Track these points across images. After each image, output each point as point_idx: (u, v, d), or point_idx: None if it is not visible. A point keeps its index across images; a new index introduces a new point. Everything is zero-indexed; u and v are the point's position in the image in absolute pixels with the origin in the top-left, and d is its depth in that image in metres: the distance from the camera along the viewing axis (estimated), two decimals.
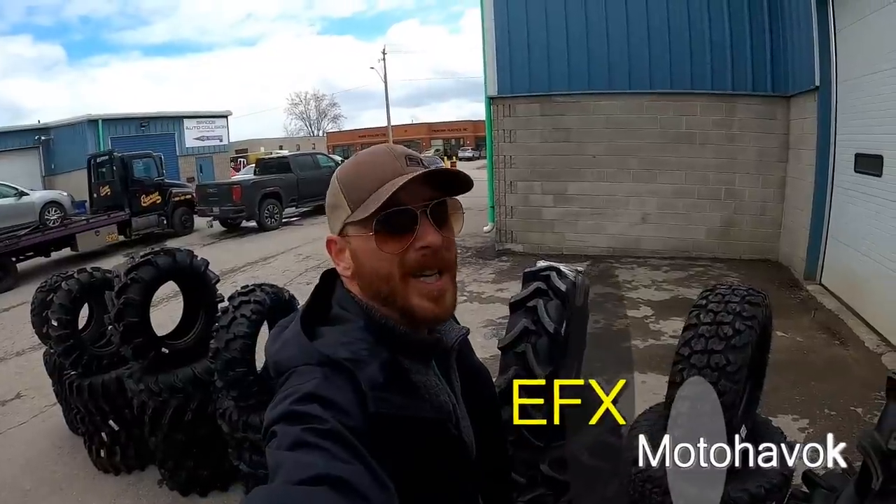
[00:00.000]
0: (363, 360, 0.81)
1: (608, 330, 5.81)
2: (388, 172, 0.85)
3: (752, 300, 2.03)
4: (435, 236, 0.86)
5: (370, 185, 0.85)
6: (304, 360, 0.83)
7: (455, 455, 0.90)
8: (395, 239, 0.85)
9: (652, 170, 8.77)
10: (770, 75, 8.04)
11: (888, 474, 1.38)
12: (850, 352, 4.96)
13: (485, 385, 1.09)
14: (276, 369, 0.87)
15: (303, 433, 0.72)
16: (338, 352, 0.82)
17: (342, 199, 0.88)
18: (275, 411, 0.77)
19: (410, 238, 0.85)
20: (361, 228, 0.86)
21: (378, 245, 0.85)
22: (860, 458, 1.49)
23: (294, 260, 10.70)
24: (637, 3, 8.52)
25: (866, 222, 5.65)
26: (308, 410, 0.74)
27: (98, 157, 15.05)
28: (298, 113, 67.50)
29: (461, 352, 1.02)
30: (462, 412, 0.96)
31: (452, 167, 6.16)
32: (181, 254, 3.72)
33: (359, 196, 0.86)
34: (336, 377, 0.79)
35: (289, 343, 0.87)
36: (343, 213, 0.88)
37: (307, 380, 0.79)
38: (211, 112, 29.53)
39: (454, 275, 0.92)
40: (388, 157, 0.88)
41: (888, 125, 5.15)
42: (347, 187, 0.88)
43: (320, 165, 17.10)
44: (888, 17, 5.07)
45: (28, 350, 6.65)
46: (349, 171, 0.90)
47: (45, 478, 3.94)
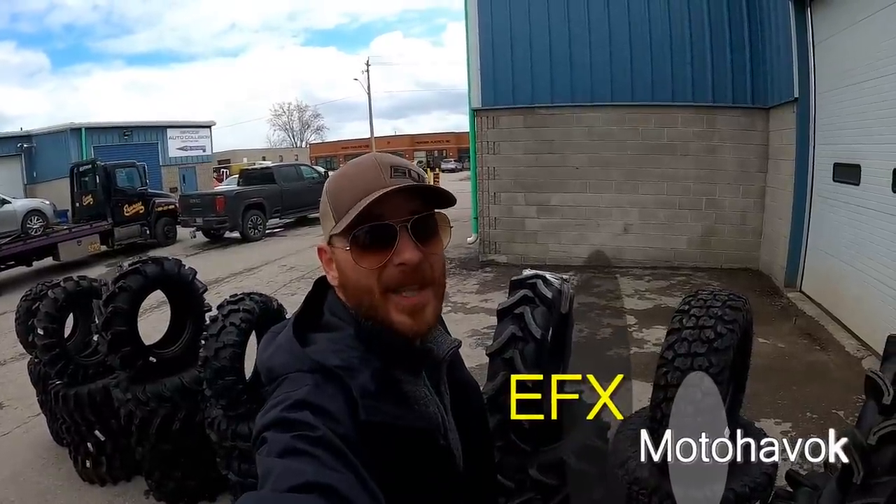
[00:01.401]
0: (354, 368, 0.81)
1: (592, 339, 5.88)
2: (369, 184, 0.83)
3: (733, 304, 2.09)
4: (413, 253, 0.83)
5: (351, 196, 0.84)
6: (296, 367, 0.82)
7: (443, 466, 0.89)
8: (371, 254, 0.83)
9: (634, 181, 8.88)
10: (750, 87, 8.20)
11: (868, 469, 1.43)
12: (831, 356, 5.05)
13: (474, 398, 1.09)
14: (267, 375, 0.86)
15: (293, 440, 0.71)
16: (329, 359, 0.81)
17: (328, 207, 0.88)
18: (265, 418, 0.77)
19: (388, 253, 0.83)
20: (342, 240, 0.85)
21: (354, 259, 0.84)
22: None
23: (278, 271, 10.67)
24: (620, 17, 8.65)
25: (845, 230, 5.77)
26: (299, 417, 0.74)
27: (81, 165, 14.91)
28: (281, 124, 67.21)
29: (452, 364, 1.01)
30: (450, 424, 0.95)
31: (436, 180, 5.92)
32: (169, 263, 3.71)
33: (341, 207, 0.85)
34: (327, 385, 0.79)
35: (281, 349, 0.86)
36: (329, 223, 0.87)
37: (299, 387, 0.79)
38: (194, 122, 29.37)
39: (439, 290, 0.90)
40: (372, 168, 0.86)
41: (865, 135, 5.30)
42: (333, 197, 0.87)
43: (304, 177, 17.15)
44: (864, 30, 5.23)
45: (10, 360, 6.54)
46: (336, 181, 0.90)
47: (30, 489, 3.89)
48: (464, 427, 0.98)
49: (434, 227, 0.88)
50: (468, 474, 0.96)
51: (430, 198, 0.88)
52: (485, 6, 9.25)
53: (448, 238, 0.91)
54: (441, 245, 0.89)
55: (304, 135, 66.74)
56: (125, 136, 25.40)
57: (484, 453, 1.08)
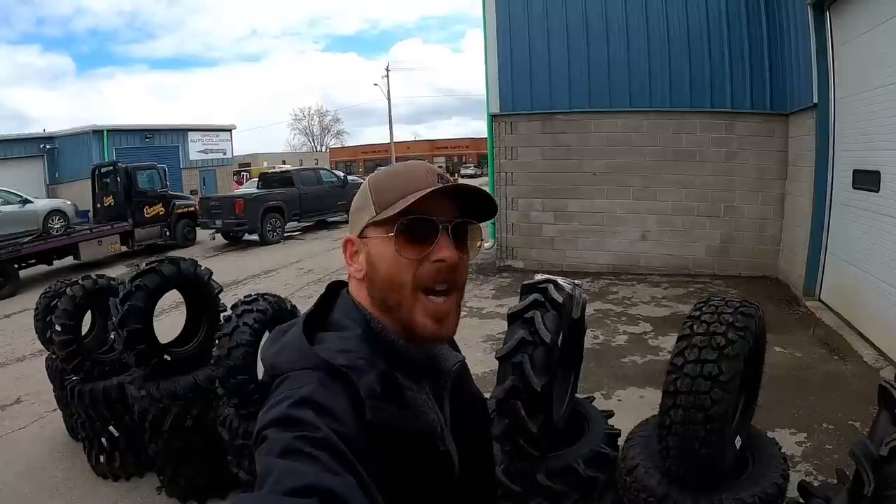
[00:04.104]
0: (361, 368, 0.81)
1: (607, 346, 5.84)
2: (419, 183, 0.87)
3: (744, 311, 2.06)
4: (452, 252, 0.87)
5: (400, 191, 0.87)
6: (302, 365, 0.82)
7: (441, 471, 0.89)
8: (413, 245, 0.86)
9: (651, 187, 8.83)
10: (769, 93, 8.11)
11: (880, 481, 1.40)
12: (849, 367, 4.96)
13: (479, 414, 1.09)
14: (271, 372, 0.86)
15: (294, 440, 0.71)
16: (337, 358, 0.82)
17: (370, 200, 0.90)
18: (268, 415, 0.77)
19: (428, 248, 0.86)
20: (383, 229, 0.87)
21: (396, 247, 0.86)
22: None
23: (296, 274, 10.74)
24: (637, 23, 8.62)
25: (865, 238, 5.68)
26: (302, 416, 0.74)
27: (102, 167, 15.17)
28: (301, 128, 68.06)
29: (459, 379, 1.02)
30: (448, 438, 0.94)
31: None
32: (185, 263, 3.76)
33: (387, 199, 0.87)
34: (333, 384, 0.79)
35: (288, 346, 0.87)
36: (367, 215, 0.89)
37: (303, 384, 0.79)
38: (215, 126, 29.70)
39: (461, 298, 0.93)
40: (422, 171, 0.90)
41: (885, 141, 5.21)
42: (377, 190, 0.90)
43: (323, 181, 17.20)
44: (884, 35, 5.15)
45: (28, 356, 6.68)
46: (382, 176, 0.93)
47: (45, 482, 3.95)
48: (466, 441, 0.98)
49: (469, 235, 0.92)
50: (465, 490, 0.95)
51: (471, 210, 0.92)
52: (503, 13, 9.27)
53: (477, 249, 0.95)
54: (469, 255, 0.93)
55: (324, 139, 67.47)
56: (147, 138, 25.81)
57: (484, 471, 1.08)
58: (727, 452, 2.09)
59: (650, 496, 2.16)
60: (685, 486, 2.10)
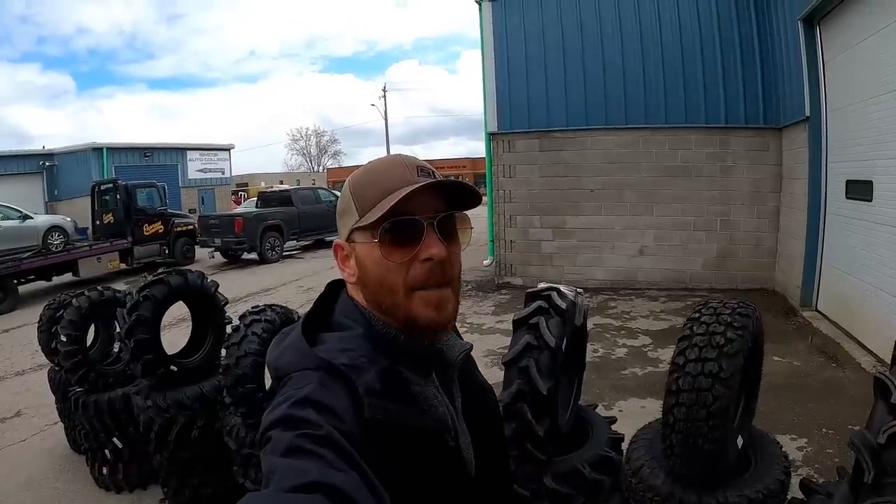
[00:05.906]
0: (361, 366, 0.81)
1: (607, 358, 5.88)
2: (397, 181, 0.85)
3: (742, 312, 2.12)
4: (440, 248, 0.85)
5: (379, 192, 0.85)
6: (303, 365, 0.82)
7: (453, 468, 0.89)
8: (399, 248, 0.85)
9: (648, 203, 8.92)
10: (762, 108, 8.25)
11: (879, 468, 1.44)
12: (847, 373, 5.01)
13: (488, 402, 1.08)
14: (275, 374, 0.87)
15: (297, 439, 0.71)
16: (337, 357, 0.82)
17: (352, 204, 0.88)
18: (271, 416, 0.77)
19: (415, 248, 0.85)
20: (367, 235, 0.86)
21: (382, 253, 0.84)
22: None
23: (295, 291, 10.76)
24: (632, 41, 8.78)
25: (859, 247, 5.75)
26: (303, 415, 0.74)
27: (102, 184, 15.24)
28: (299, 148, 68.06)
29: (465, 368, 1.01)
30: (462, 428, 0.94)
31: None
32: (192, 275, 3.80)
33: (367, 202, 0.86)
34: (333, 382, 0.79)
35: (289, 348, 0.87)
36: (351, 219, 0.88)
37: (304, 384, 0.79)
38: (214, 145, 29.72)
39: (457, 287, 0.91)
40: (399, 166, 0.88)
41: (876, 151, 5.32)
42: (357, 193, 0.88)
43: (321, 200, 17.32)
44: (872, 48, 5.28)
45: (28, 371, 6.68)
46: (360, 177, 0.91)
47: (46, 494, 3.94)
48: (478, 432, 0.97)
49: (456, 226, 0.91)
50: (481, 480, 0.95)
51: (454, 199, 0.90)
52: (500, 31, 9.43)
53: (468, 240, 0.93)
54: (460, 245, 0.91)
55: (322, 159, 67.56)
56: (146, 156, 25.79)
57: (498, 458, 1.07)
58: (730, 449, 2.13)
59: (656, 495, 2.20)
60: (690, 485, 2.14)
